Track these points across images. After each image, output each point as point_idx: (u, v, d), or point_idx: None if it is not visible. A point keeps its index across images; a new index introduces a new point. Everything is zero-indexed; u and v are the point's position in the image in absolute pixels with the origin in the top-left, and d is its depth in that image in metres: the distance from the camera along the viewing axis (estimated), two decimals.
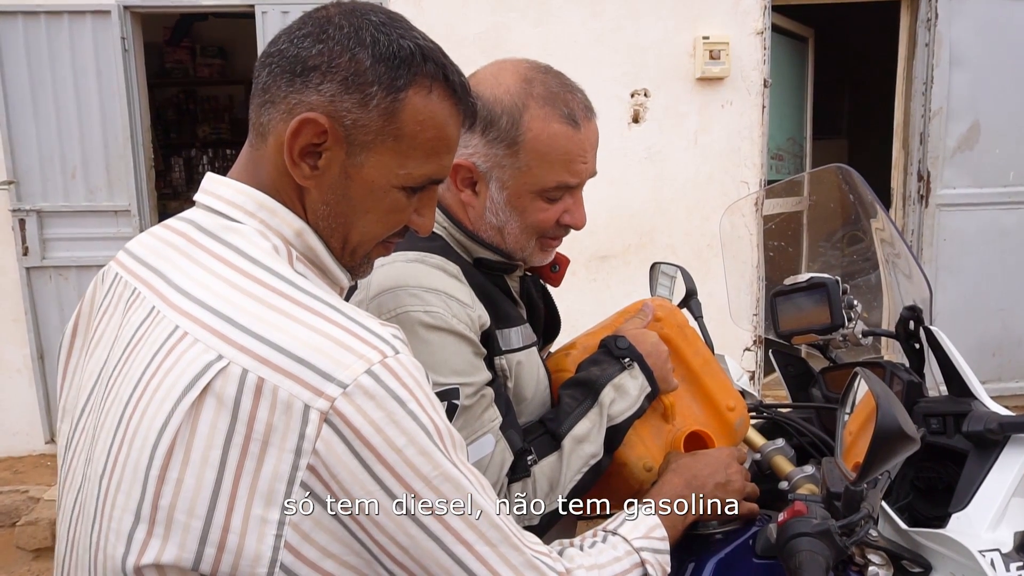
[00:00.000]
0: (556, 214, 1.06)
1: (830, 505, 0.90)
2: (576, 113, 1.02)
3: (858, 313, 1.37)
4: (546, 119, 1.01)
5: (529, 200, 1.04)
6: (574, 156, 1.03)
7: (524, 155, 1.01)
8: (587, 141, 1.04)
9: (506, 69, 1.05)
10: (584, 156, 1.04)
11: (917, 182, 4.02)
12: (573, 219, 1.08)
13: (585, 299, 3.81)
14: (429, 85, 0.75)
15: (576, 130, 1.02)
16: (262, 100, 0.75)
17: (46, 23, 3.62)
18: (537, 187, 1.03)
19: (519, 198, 1.04)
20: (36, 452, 3.91)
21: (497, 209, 1.05)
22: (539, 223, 1.06)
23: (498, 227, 1.07)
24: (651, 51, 3.83)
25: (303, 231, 0.76)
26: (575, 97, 1.04)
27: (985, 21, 3.89)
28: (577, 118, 1.02)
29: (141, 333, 0.71)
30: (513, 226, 1.06)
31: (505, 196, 1.04)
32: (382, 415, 0.64)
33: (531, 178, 1.03)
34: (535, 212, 1.05)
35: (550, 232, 1.08)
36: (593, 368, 1.07)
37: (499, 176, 1.03)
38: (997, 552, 0.95)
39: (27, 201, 3.72)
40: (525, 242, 1.08)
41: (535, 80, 1.03)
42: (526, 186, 1.03)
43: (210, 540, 0.64)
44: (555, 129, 1.01)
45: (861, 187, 1.50)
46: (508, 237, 1.07)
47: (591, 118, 1.05)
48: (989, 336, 4.06)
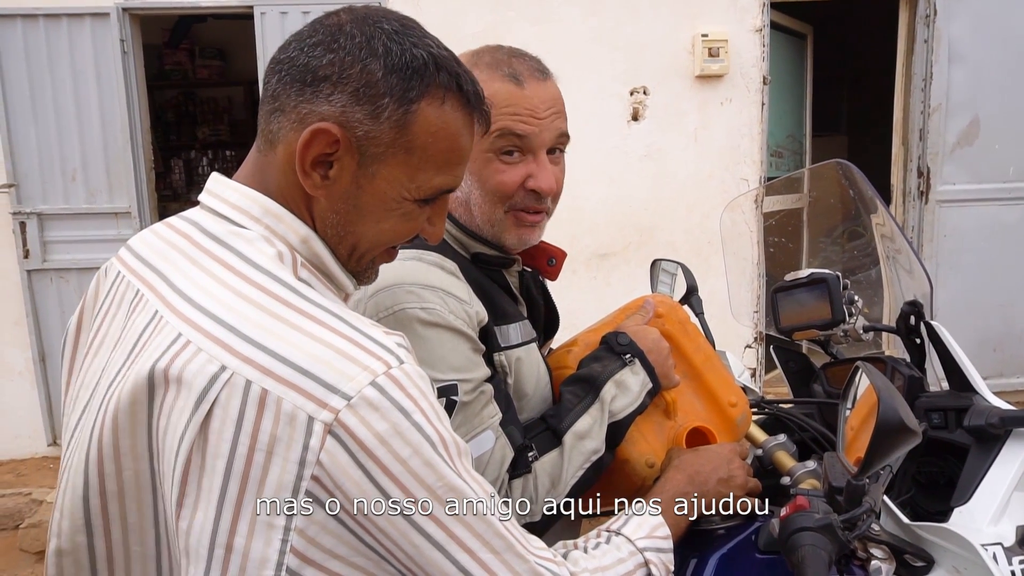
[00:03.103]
0: (517, 176, 1.03)
1: (832, 500, 0.90)
2: (519, 72, 1.02)
3: (859, 308, 1.37)
4: (486, 80, 0.99)
5: (483, 162, 1.02)
6: (518, 108, 1.01)
7: None
8: (535, 98, 1.02)
9: (467, 52, 1.05)
10: (533, 111, 1.02)
11: (917, 178, 4.02)
12: (537, 182, 1.03)
13: (585, 297, 3.81)
14: (442, 96, 0.74)
15: (518, 86, 1.01)
16: (271, 107, 0.74)
17: (45, 26, 3.62)
18: (485, 142, 1.01)
19: (473, 162, 1.01)
20: (39, 455, 3.91)
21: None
22: (500, 186, 1.03)
23: (464, 201, 1.05)
24: (650, 49, 3.83)
25: (309, 238, 0.75)
26: (522, 61, 1.03)
27: (984, 17, 3.89)
28: (520, 76, 1.01)
29: (145, 338, 0.71)
30: (476, 195, 1.04)
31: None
32: (386, 427, 0.64)
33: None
34: (493, 174, 1.03)
35: (518, 200, 1.05)
36: (594, 364, 1.07)
37: None
38: (999, 546, 0.95)
39: (27, 204, 3.73)
40: (492, 212, 1.05)
41: (484, 52, 1.04)
42: (476, 146, 0.99)
43: (218, 542, 0.65)
44: (495, 87, 1.00)
45: (861, 183, 1.50)
46: (475, 210, 1.05)
47: (541, 79, 1.03)
48: (990, 332, 4.06)
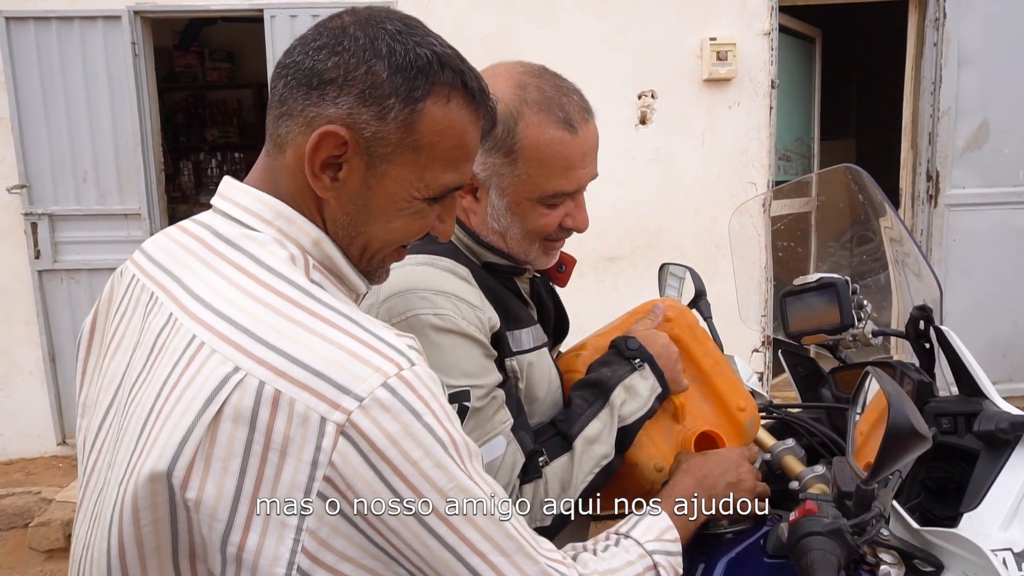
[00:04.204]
0: (557, 219, 1.06)
1: (841, 504, 0.90)
2: (572, 117, 1.00)
3: (868, 313, 1.37)
4: (541, 126, 0.99)
5: (529, 207, 1.04)
6: (572, 162, 1.01)
7: (522, 163, 1.00)
8: (585, 144, 1.02)
9: (500, 75, 1.02)
10: (583, 161, 1.03)
11: (926, 182, 4.01)
12: (575, 222, 1.07)
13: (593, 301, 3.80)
14: (447, 94, 0.74)
15: (573, 135, 1.00)
16: (279, 112, 0.75)
17: (57, 28, 3.65)
18: (536, 195, 1.02)
19: (519, 205, 1.04)
20: (48, 454, 3.94)
21: (498, 215, 1.05)
22: (540, 228, 1.05)
23: (500, 232, 1.07)
24: (658, 52, 3.83)
25: (321, 240, 0.76)
26: (571, 100, 1.02)
27: (994, 20, 3.87)
28: (574, 122, 1.00)
29: (162, 341, 0.71)
30: (515, 231, 1.06)
31: (505, 203, 1.04)
32: (398, 428, 0.64)
33: (530, 186, 1.02)
34: (536, 218, 1.04)
35: (552, 236, 1.08)
36: (604, 369, 1.07)
37: (498, 184, 1.03)
38: (1009, 551, 0.95)
39: (39, 205, 3.76)
40: (528, 247, 1.07)
41: (529, 85, 1.01)
42: (525, 194, 1.02)
43: (231, 540, 0.65)
44: (551, 135, 0.99)
45: (870, 187, 1.50)
46: (511, 242, 1.07)
47: (588, 120, 1.03)
48: (1000, 337, 4.03)
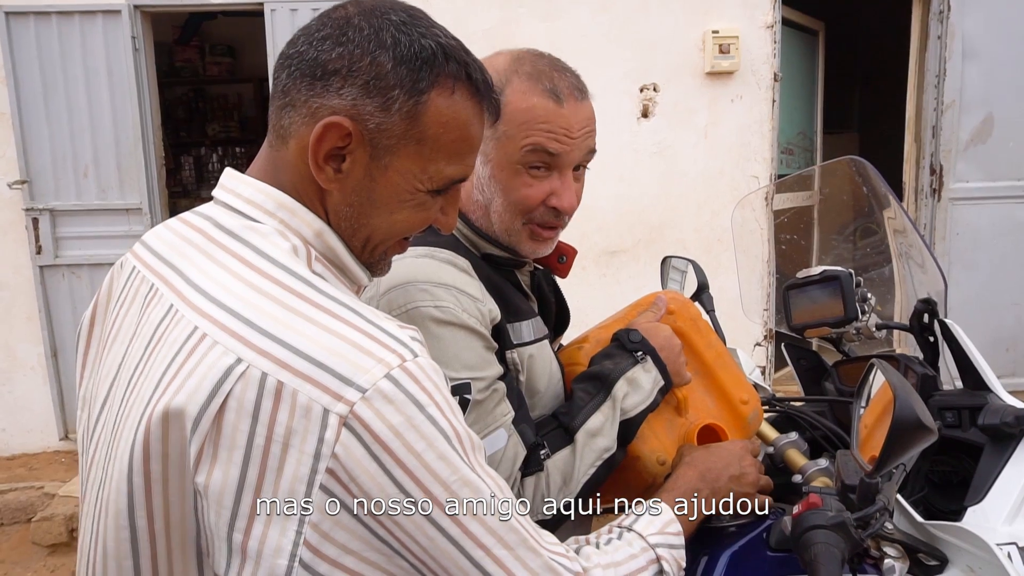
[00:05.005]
0: (541, 193, 1.03)
1: (845, 498, 0.89)
2: (560, 89, 1.00)
3: (872, 306, 1.36)
4: (526, 92, 0.99)
5: (511, 173, 1.02)
6: (554, 127, 1.00)
7: (503, 125, 1.00)
8: (572, 117, 1.01)
9: (503, 53, 1.04)
10: (568, 131, 1.01)
11: (929, 176, 3.99)
12: (560, 201, 1.03)
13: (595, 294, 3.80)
14: (452, 85, 0.74)
15: (558, 104, 1.00)
16: (282, 103, 0.75)
17: (57, 23, 3.64)
18: (516, 154, 1.01)
19: (501, 170, 1.02)
20: (51, 449, 3.95)
21: (482, 185, 1.04)
22: (523, 199, 1.03)
23: (484, 205, 1.05)
24: (660, 46, 3.82)
25: (323, 231, 0.76)
26: (563, 76, 1.02)
27: (998, 13, 3.85)
28: (560, 94, 1.00)
29: (161, 332, 0.71)
30: (497, 203, 1.04)
31: (488, 170, 1.03)
32: (401, 419, 0.64)
33: (510, 146, 1.01)
34: (518, 187, 1.03)
35: (537, 215, 1.05)
36: (606, 362, 1.07)
37: (482, 150, 1.01)
38: (1014, 545, 0.94)
39: (40, 200, 3.76)
40: (511, 222, 1.05)
41: (525, 59, 1.02)
42: (506, 156, 1.01)
43: (237, 527, 0.65)
44: (534, 101, 0.99)
45: (875, 179, 1.49)
46: (494, 215, 1.05)
47: (580, 99, 1.02)
48: (1003, 331, 4.03)
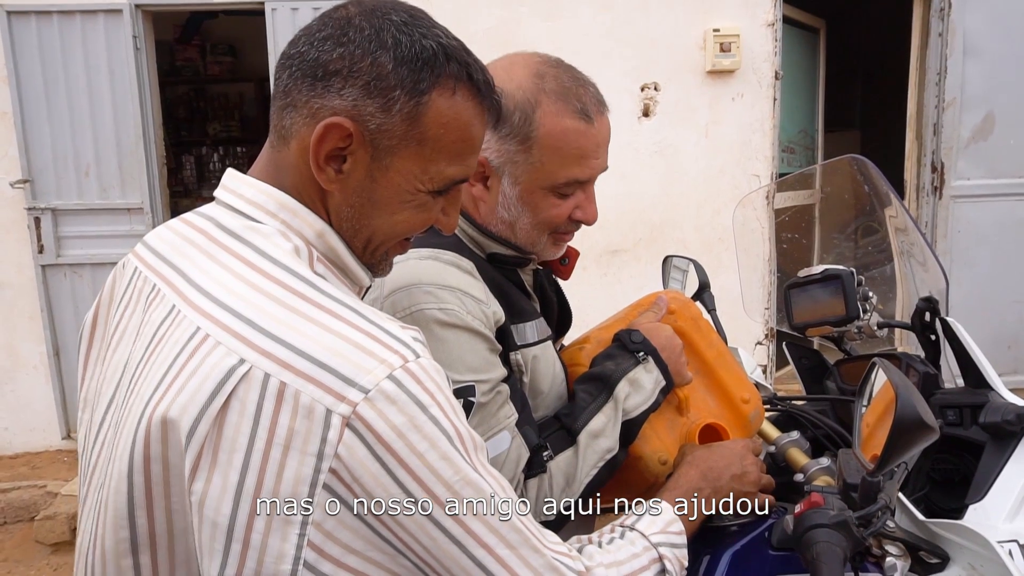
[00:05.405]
0: (568, 210, 1.06)
1: (847, 496, 0.90)
2: (589, 108, 1.02)
3: (873, 305, 1.36)
4: (558, 115, 1.00)
5: (541, 196, 1.04)
6: (587, 152, 1.02)
7: (537, 151, 1.01)
8: (599, 136, 1.03)
9: (517, 63, 1.04)
10: (596, 151, 1.04)
11: (931, 173, 3.99)
12: (585, 215, 1.07)
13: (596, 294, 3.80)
14: (453, 86, 0.74)
15: (589, 125, 1.01)
16: (283, 103, 0.75)
17: (59, 23, 3.64)
18: (549, 183, 1.03)
19: (531, 194, 1.04)
20: (53, 448, 3.95)
21: (509, 204, 1.05)
22: (551, 219, 1.06)
23: (510, 222, 1.06)
24: (661, 44, 3.81)
25: (324, 232, 0.76)
26: (587, 91, 1.03)
27: (999, 10, 3.84)
28: (590, 112, 1.01)
29: (162, 332, 0.71)
30: (525, 221, 1.06)
31: (517, 192, 1.04)
32: (404, 420, 0.64)
33: (544, 174, 1.02)
34: (547, 208, 1.05)
35: (562, 227, 1.08)
36: (607, 362, 1.07)
37: (512, 172, 1.03)
38: (1015, 543, 0.94)
39: (42, 199, 3.76)
40: (537, 237, 1.07)
41: (547, 75, 1.02)
42: (538, 182, 1.03)
43: (236, 536, 0.65)
44: (567, 125, 1.00)
45: (876, 178, 1.49)
46: (519, 232, 1.07)
47: (603, 112, 1.04)
48: (1005, 329, 4.02)
